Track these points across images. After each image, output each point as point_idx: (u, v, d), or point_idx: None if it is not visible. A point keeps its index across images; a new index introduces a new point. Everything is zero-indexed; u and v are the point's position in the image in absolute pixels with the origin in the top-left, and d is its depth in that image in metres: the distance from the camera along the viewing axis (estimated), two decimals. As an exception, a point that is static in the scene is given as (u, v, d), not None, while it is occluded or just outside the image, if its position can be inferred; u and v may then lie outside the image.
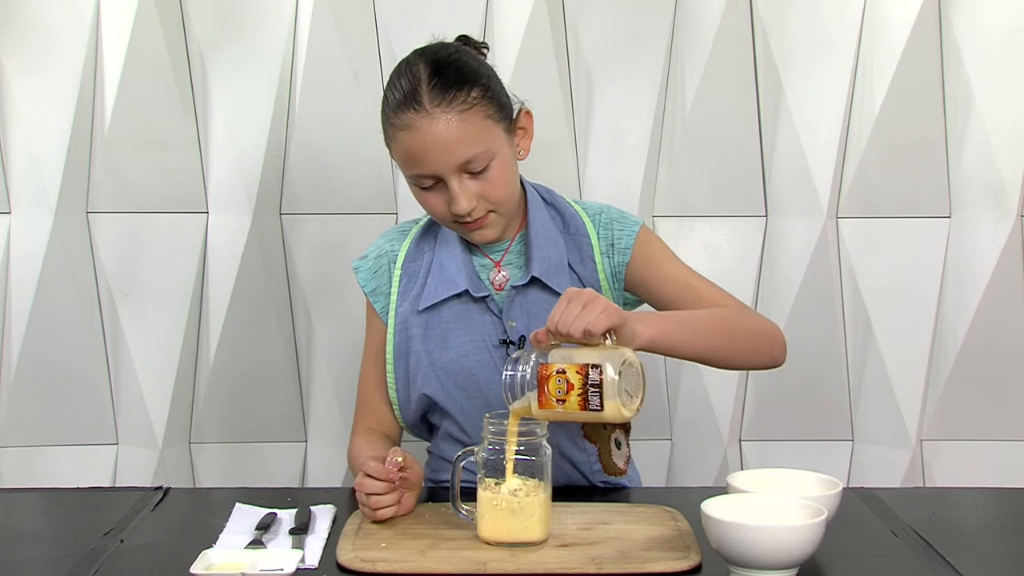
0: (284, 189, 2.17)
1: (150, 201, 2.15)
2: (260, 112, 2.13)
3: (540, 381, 1.32)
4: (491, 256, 1.66)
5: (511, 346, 1.59)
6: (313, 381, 2.22)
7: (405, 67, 1.57)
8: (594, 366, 1.30)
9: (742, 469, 2.04)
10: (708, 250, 2.20)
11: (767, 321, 1.63)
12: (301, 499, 1.50)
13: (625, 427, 1.72)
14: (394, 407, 1.67)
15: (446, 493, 1.39)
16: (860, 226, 2.19)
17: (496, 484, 1.33)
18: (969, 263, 2.19)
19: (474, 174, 1.54)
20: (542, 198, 1.69)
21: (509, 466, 1.33)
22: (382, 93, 1.58)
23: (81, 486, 1.67)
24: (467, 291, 1.61)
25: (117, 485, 2.17)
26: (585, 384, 1.30)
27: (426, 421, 1.70)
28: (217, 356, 2.18)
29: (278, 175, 2.16)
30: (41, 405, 2.17)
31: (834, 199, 2.17)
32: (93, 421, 2.19)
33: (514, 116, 1.61)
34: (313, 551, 1.32)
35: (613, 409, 1.31)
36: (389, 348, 1.65)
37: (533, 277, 1.61)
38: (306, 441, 2.24)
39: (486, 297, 1.62)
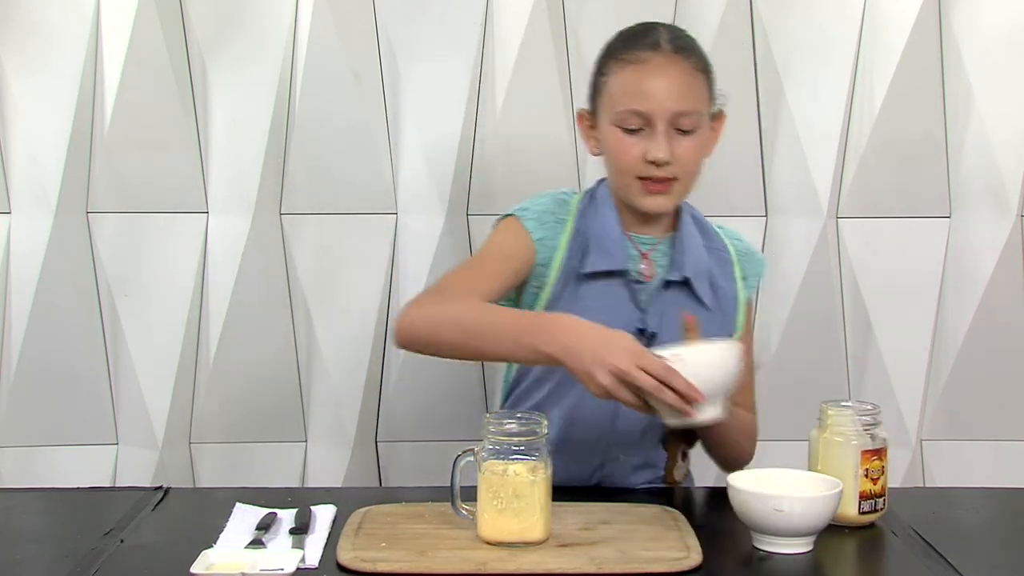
0: (284, 189, 2.17)
1: (150, 201, 2.15)
2: (260, 112, 2.13)
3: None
4: (640, 247, 1.67)
5: (643, 337, 1.59)
6: (313, 381, 2.22)
7: (639, 25, 1.67)
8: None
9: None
10: (708, 250, 2.20)
11: (754, 444, 1.72)
12: (301, 499, 1.50)
13: (690, 441, 1.71)
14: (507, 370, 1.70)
15: (446, 493, 1.39)
16: (860, 226, 2.19)
17: (499, 464, 1.32)
18: (969, 263, 2.19)
19: (680, 132, 1.60)
20: (688, 211, 1.72)
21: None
22: (382, 93, 1.58)
23: (81, 486, 1.67)
24: (626, 272, 1.63)
25: (117, 485, 2.17)
26: None
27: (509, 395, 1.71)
28: (217, 356, 2.18)
29: (278, 175, 2.16)
30: (41, 405, 2.17)
31: (834, 199, 2.17)
32: (93, 421, 2.19)
33: (714, 111, 1.67)
34: (313, 551, 1.32)
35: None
36: (545, 295, 1.64)
37: (685, 277, 1.63)
38: (306, 441, 2.24)
39: (637, 283, 1.63)
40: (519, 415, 1.36)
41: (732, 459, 1.66)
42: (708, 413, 1.38)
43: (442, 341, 1.53)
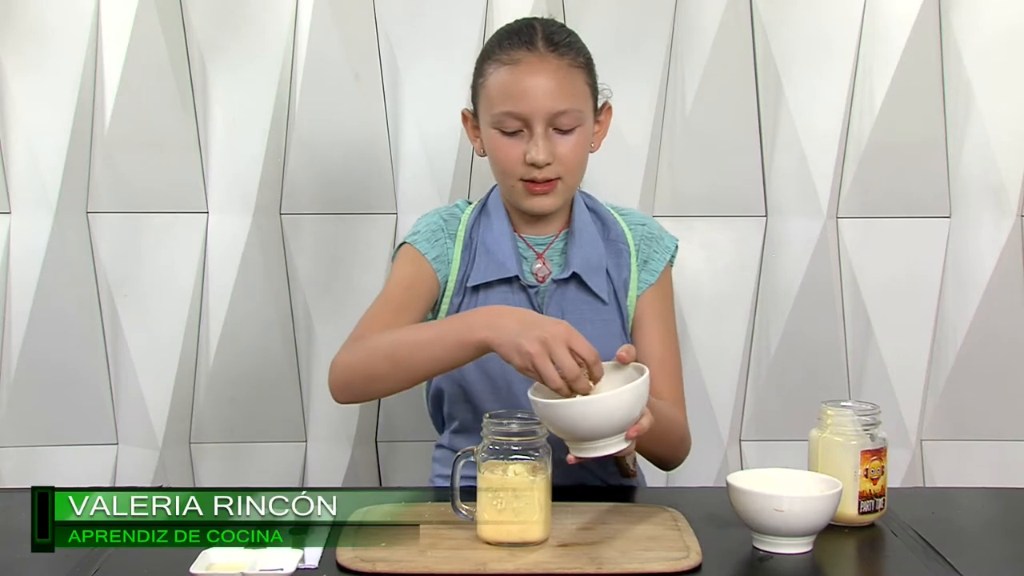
0: (284, 189, 2.17)
1: (150, 201, 2.15)
2: (260, 112, 2.13)
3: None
4: (535, 248, 1.67)
5: None
6: (313, 381, 2.22)
7: (516, 22, 1.64)
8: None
9: (742, 469, 2.04)
10: (708, 250, 2.20)
11: (688, 441, 1.67)
12: (301, 499, 1.50)
13: None
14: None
15: (446, 493, 1.39)
16: (860, 226, 2.19)
17: (499, 464, 1.32)
18: (969, 263, 2.19)
19: (559, 132, 1.57)
20: (584, 203, 1.70)
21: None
22: (382, 93, 1.58)
23: (81, 486, 1.67)
24: (516, 278, 1.62)
25: (117, 485, 2.17)
26: None
27: (439, 413, 1.71)
28: (217, 356, 2.18)
29: (278, 175, 2.16)
30: (41, 405, 2.17)
31: (834, 199, 2.17)
32: (93, 421, 2.19)
33: (599, 106, 1.65)
34: (313, 551, 1.32)
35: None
36: (444, 309, 1.64)
37: (574, 273, 1.62)
38: (306, 441, 2.24)
39: (532, 288, 1.62)
40: (519, 415, 1.36)
41: (665, 459, 1.64)
42: (615, 447, 1.35)
43: (375, 377, 1.49)
